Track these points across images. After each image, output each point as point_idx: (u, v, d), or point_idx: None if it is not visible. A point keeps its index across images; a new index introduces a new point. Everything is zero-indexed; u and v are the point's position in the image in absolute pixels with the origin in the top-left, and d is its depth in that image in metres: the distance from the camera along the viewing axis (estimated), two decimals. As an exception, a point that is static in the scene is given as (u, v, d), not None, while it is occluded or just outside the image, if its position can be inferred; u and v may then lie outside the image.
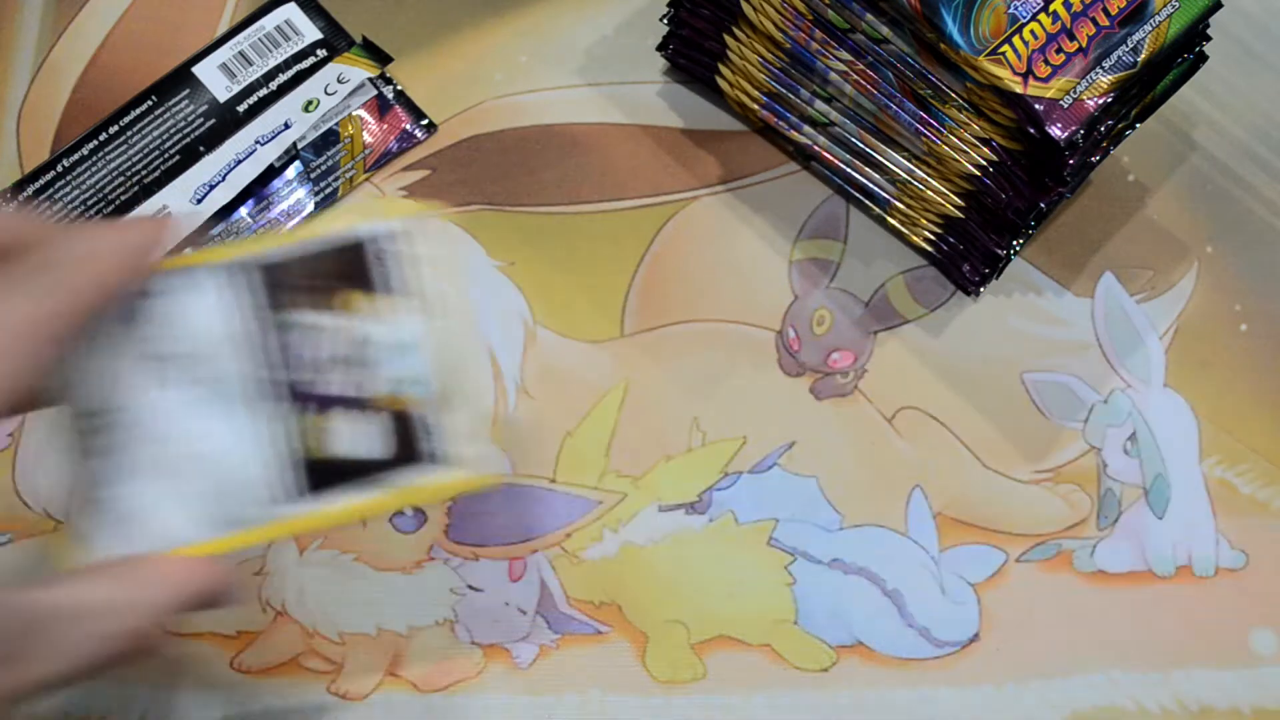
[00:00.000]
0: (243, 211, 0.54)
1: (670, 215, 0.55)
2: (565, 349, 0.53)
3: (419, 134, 0.56)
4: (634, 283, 0.54)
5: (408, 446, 0.33)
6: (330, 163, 0.55)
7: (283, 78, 0.56)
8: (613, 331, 0.54)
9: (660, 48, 0.57)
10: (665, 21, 0.55)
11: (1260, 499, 0.53)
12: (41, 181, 0.54)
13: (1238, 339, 0.55)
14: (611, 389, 0.53)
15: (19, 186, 0.54)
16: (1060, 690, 0.49)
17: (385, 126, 0.56)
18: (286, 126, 0.55)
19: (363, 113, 0.56)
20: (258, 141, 0.55)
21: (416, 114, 0.57)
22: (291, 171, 0.55)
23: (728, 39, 0.54)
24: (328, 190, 0.55)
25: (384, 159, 0.56)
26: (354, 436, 0.32)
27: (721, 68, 0.55)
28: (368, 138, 0.56)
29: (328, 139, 0.55)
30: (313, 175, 0.55)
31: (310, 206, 0.54)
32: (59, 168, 0.54)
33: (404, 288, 0.32)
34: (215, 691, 0.48)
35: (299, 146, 0.55)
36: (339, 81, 0.56)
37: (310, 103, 0.55)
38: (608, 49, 0.58)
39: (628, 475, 0.51)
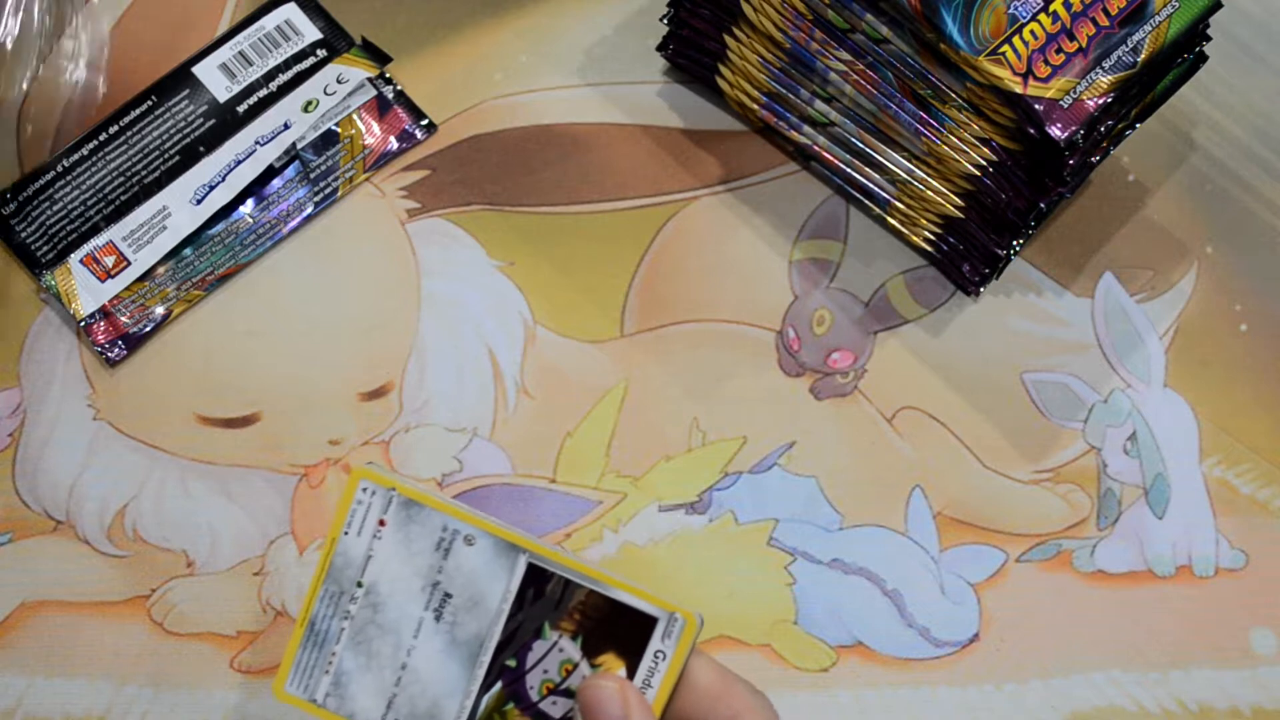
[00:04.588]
0: (244, 210, 0.54)
1: (670, 215, 0.55)
2: (565, 349, 0.53)
3: (419, 134, 0.56)
4: (634, 283, 0.54)
5: None
6: (330, 163, 0.55)
7: (283, 78, 0.56)
8: (612, 331, 0.54)
9: (660, 48, 0.57)
10: (665, 21, 0.55)
11: (1260, 499, 0.53)
12: (41, 181, 0.54)
13: (1238, 339, 0.55)
14: (611, 389, 0.53)
15: (19, 186, 0.54)
16: (1060, 690, 0.49)
17: (385, 126, 0.56)
18: (286, 127, 0.55)
19: (362, 113, 0.56)
20: (257, 142, 0.55)
21: (416, 114, 0.57)
22: (291, 171, 0.55)
23: (728, 39, 0.54)
24: (327, 190, 0.55)
25: (384, 159, 0.56)
26: None
27: (721, 68, 0.55)
28: (368, 138, 0.56)
29: (327, 139, 0.55)
30: (312, 175, 0.55)
31: (310, 207, 0.54)
32: (59, 168, 0.54)
33: (645, 674, 0.38)
34: (215, 691, 0.48)
35: (298, 147, 0.55)
36: (338, 82, 0.56)
37: (310, 103, 0.55)
38: (608, 49, 0.58)
39: (628, 475, 0.51)
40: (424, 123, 0.56)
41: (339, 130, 0.56)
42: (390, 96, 0.57)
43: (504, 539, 0.38)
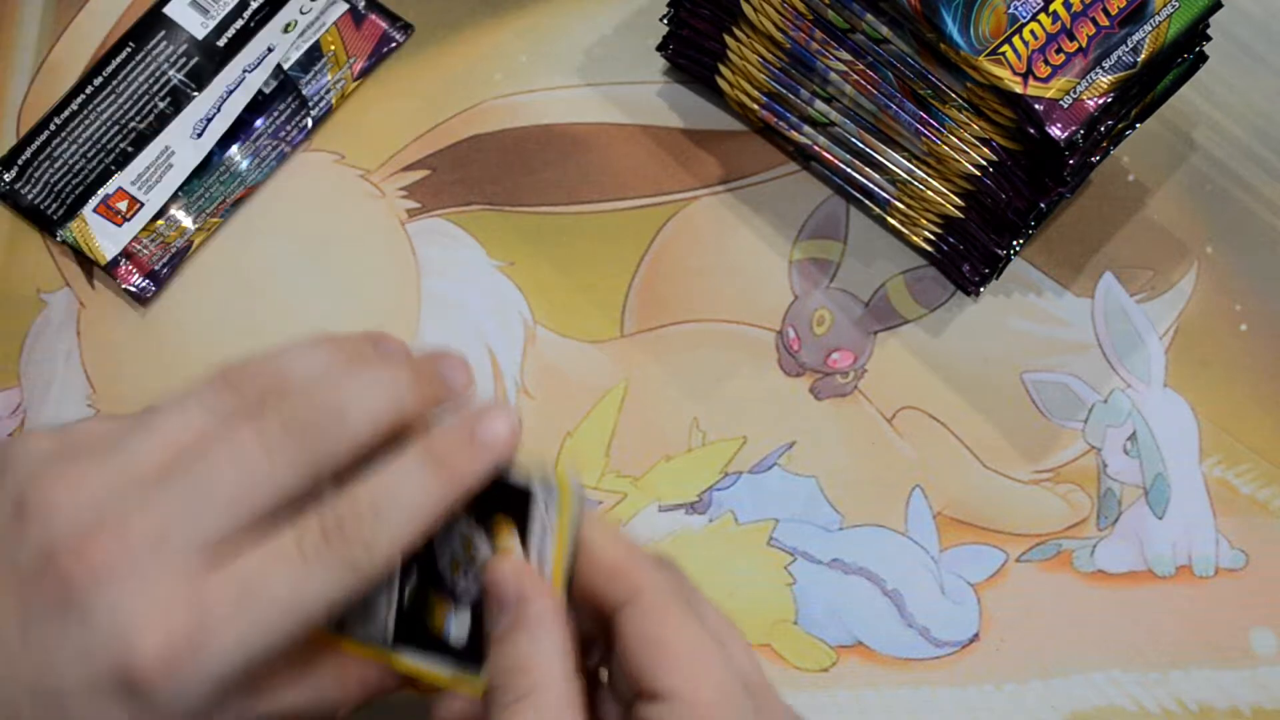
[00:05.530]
0: (245, 135, 0.55)
1: (670, 215, 0.55)
2: (565, 349, 0.53)
3: (398, 36, 0.57)
4: (634, 283, 0.54)
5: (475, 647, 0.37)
6: (320, 77, 0.56)
7: (256, 3, 0.56)
8: (612, 331, 0.54)
9: (660, 48, 0.57)
10: (665, 21, 0.55)
11: (1260, 499, 0.53)
12: (38, 143, 0.54)
13: (1238, 339, 0.55)
14: (611, 389, 0.53)
15: (15, 152, 0.54)
16: (1060, 690, 0.49)
17: (364, 35, 0.57)
18: (270, 50, 0.56)
19: (339, 26, 0.57)
20: (245, 70, 0.55)
21: (392, 18, 0.58)
22: (285, 91, 0.55)
23: (728, 39, 0.54)
24: (322, 104, 0.56)
25: (370, 65, 0.57)
26: (447, 621, 0.37)
27: (721, 68, 0.55)
28: (350, 48, 0.57)
29: (312, 55, 0.56)
30: (304, 91, 0.56)
31: (309, 123, 0.55)
32: (51, 126, 0.54)
33: (538, 549, 0.36)
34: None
35: (285, 67, 0.56)
36: (311, 1, 0.57)
37: (289, 24, 0.56)
38: (608, 49, 0.58)
39: (628, 475, 0.51)
40: (400, 24, 0.57)
41: (321, 45, 0.57)
42: (361, 7, 0.57)
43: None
